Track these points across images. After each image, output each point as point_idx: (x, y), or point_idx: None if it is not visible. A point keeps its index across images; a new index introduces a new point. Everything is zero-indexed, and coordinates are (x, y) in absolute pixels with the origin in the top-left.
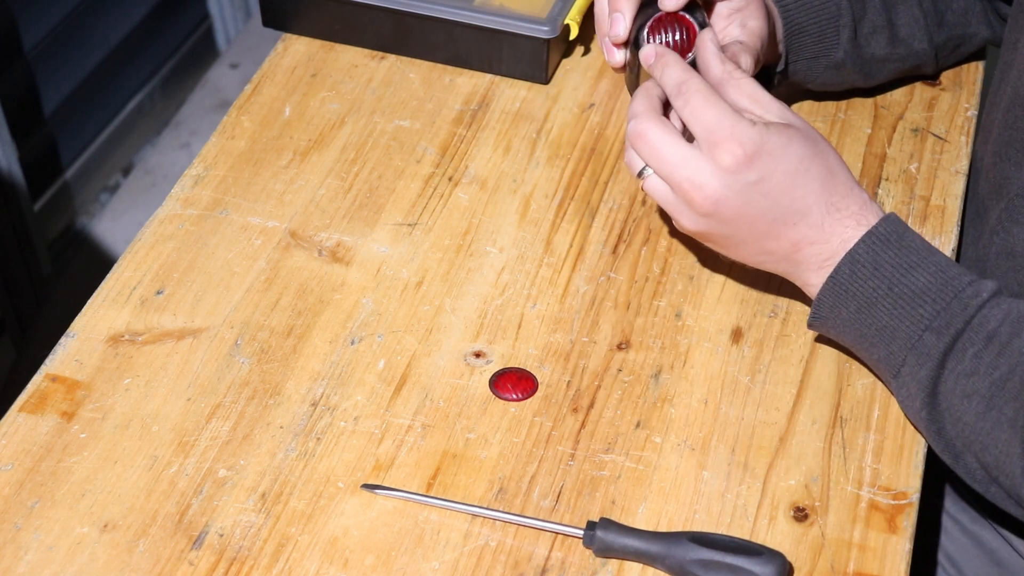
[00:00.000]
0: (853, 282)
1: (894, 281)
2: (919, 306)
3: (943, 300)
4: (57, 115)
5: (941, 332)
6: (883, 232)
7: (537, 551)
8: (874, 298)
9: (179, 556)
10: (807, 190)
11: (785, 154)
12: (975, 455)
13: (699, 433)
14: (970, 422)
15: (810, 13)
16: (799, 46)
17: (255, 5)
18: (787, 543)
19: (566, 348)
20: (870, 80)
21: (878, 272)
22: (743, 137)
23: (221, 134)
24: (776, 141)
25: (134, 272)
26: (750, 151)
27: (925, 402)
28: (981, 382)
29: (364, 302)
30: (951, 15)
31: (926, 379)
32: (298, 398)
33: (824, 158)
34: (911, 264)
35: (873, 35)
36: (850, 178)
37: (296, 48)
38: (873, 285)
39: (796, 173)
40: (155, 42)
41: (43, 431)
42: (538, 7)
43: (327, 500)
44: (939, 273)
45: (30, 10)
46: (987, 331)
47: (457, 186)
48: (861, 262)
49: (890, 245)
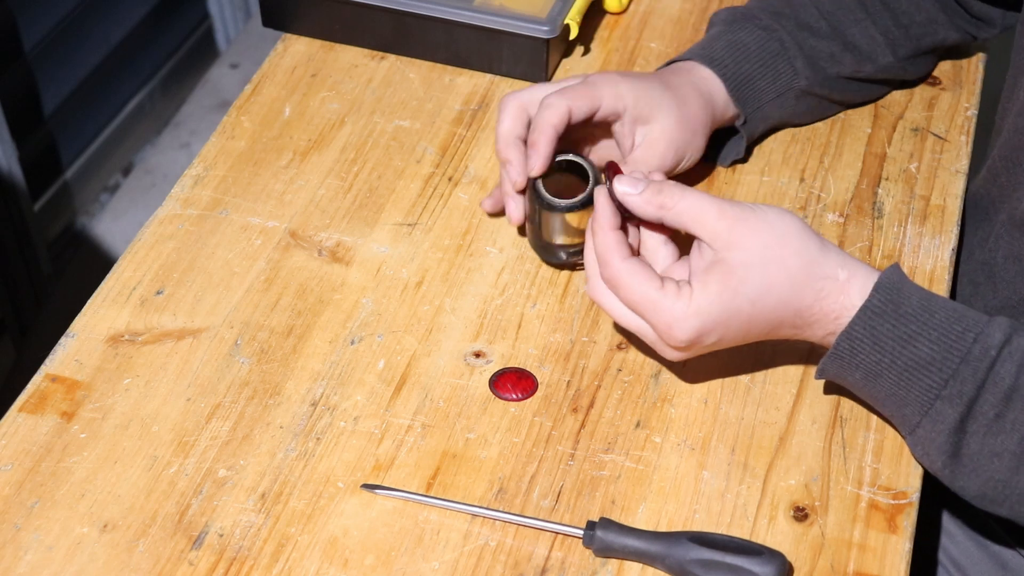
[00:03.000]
0: (855, 356)
1: (896, 354)
2: (926, 376)
3: (950, 367)
4: (57, 115)
5: (953, 400)
6: (878, 304)
7: (537, 551)
8: (878, 370)
9: (179, 556)
10: (772, 316)
11: (728, 311)
12: (1008, 508)
13: (699, 433)
14: (1002, 479)
15: (751, 60)
16: (751, 95)
17: (255, 5)
18: (787, 543)
19: (566, 348)
20: (849, 97)
21: (878, 346)
22: (684, 325)
23: (221, 134)
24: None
25: (134, 272)
26: (692, 338)
27: (946, 463)
28: (1009, 439)
29: (364, 302)
30: (916, 28)
31: (945, 443)
32: (298, 398)
33: (781, 262)
34: (911, 334)
35: (832, 59)
36: (824, 256)
37: (296, 48)
38: (876, 359)
39: (751, 315)
40: (155, 42)
41: (43, 431)
42: (538, 7)
43: (327, 500)
44: (941, 339)
45: (30, 10)
46: (1004, 389)
47: (457, 186)
48: (859, 338)
49: (886, 317)
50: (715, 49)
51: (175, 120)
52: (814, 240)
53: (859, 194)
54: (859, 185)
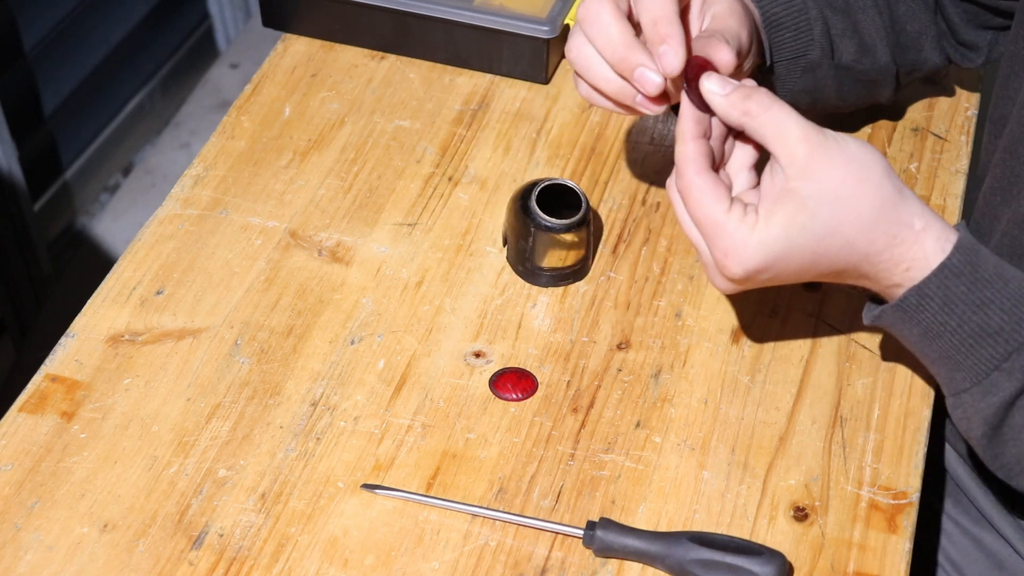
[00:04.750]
0: (920, 312)
1: (964, 318)
2: (989, 346)
3: (1017, 339)
4: (57, 115)
5: (1013, 373)
6: (956, 264)
7: (537, 551)
8: (941, 331)
9: (179, 556)
10: (837, 257)
11: (791, 248)
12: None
13: (699, 433)
14: None
15: (782, 5)
16: (780, 41)
17: (255, 5)
18: (787, 543)
19: (566, 348)
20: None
21: (948, 307)
22: (747, 257)
23: (221, 134)
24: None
25: (134, 272)
26: (747, 270)
27: (986, 432)
28: None
29: (364, 302)
30: (905, 37)
31: (991, 414)
32: (298, 398)
33: (855, 201)
34: (985, 300)
35: (842, 39)
36: (902, 201)
37: (296, 48)
38: (942, 320)
39: (816, 253)
40: (155, 42)
41: (43, 431)
42: (538, 7)
43: (327, 500)
44: (1014, 309)
45: (30, 10)
46: None
47: (457, 186)
48: (930, 296)
49: (963, 278)
50: None
51: (175, 120)
52: (894, 182)
53: None
54: None
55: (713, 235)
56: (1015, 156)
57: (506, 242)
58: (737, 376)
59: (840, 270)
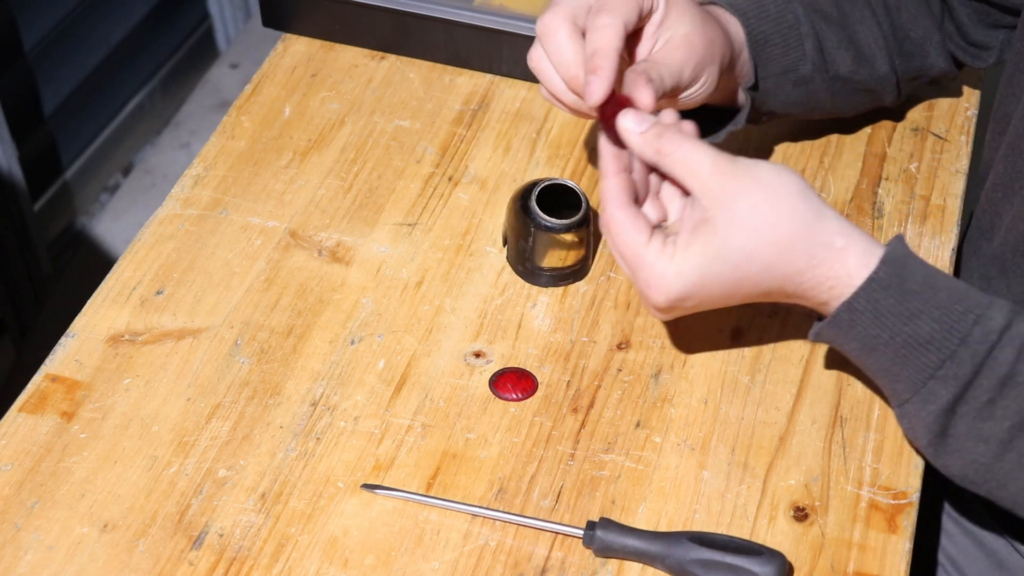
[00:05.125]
0: (853, 327)
1: (896, 330)
2: (923, 355)
3: (948, 348)
4: (57, 115)
5: (948, 381)
6: (883, 278)
7: (537, 551)
8: (875, 344)
9: (179, 556)
10: (758, 280)
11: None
12: (990, 491)
13: (699, 433)
14: (985, 463)
15: (770, 22)
16: (768, 58)
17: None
18: (787, 543)
19: (566, 348)
20: (837, 104)
21: (879, 320)
22: (669, 286)
23: (221, 134)
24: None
25: (134, 272)
26: (669, 299)
27: (932, 441)
28: (997, 426)
29: (364, 302)
30: (909, 44)
31: (933, 422)
32: (298, 398)
33: (769, 225)
34: (913, 311)
35: (837, 51)
36: (820, 221)
37: (296, 48)
38: (874, 332)
39: (734, 279)
40: (155, 42)
41: (43, 431)
42: (538, 7)
43: (327, 500)
44: (943, 318)
45: (30, 10)
46: (1000, 375)
47: (457, 186)
48: (860, 310)
49: (890, 291)
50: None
51: (175, 120)
52: (811, 203)
53: (859, 194)
54: (859, 185)
55: (635, 266)
56: (1018, 153)
57: (506, 242)
58: (737, 376)
59: (766, 291)
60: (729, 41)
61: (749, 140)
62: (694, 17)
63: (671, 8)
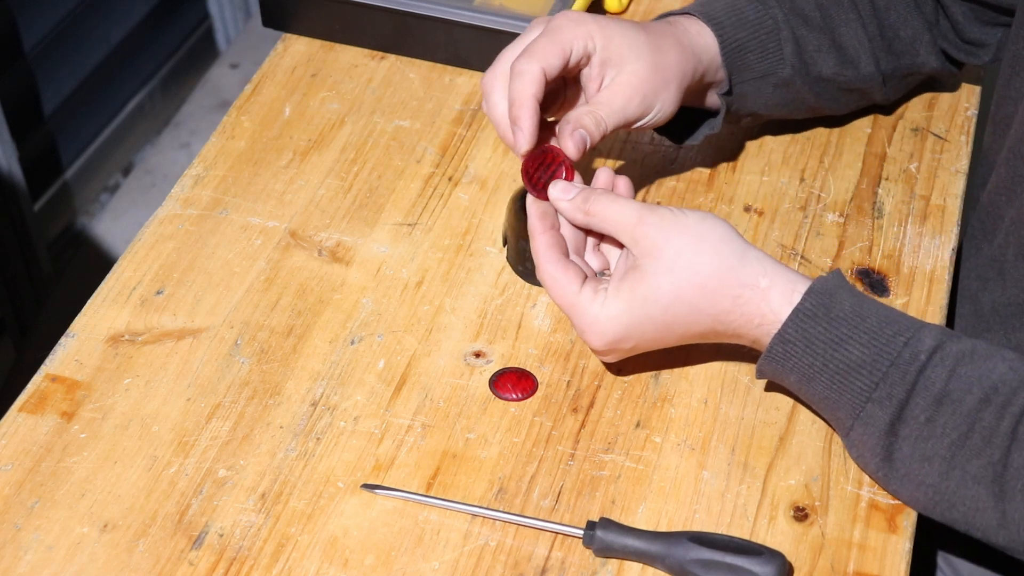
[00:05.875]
0: (788, 359)
1: (828, 357)
2: (856, 379)
3: (880, 370)
4: (57, 115)
5: (884, 403)
6: (809, 308)
7: (537, 551)
8: (811, 373)
9: (179, 556)
10: (688, 321)
11: (639, 318)
12: (942, 513)
13: (699, 433)
14: (933, 483)
15: (747, 28)
16: (742, 65)
17: (255, 5)
18: (787, 543)
19: (566, 348)
20: (822, 103)
21: (811, 349)
22: (602, 330)
23: (221, 134)
24: (621, 313)
25: (134, 272)
26: (610, 341)
27: (880, 466)
28: (939, 444)
29: (364, 302)
30: (899, 43)
31: (878, 447)
32: (298, 398)
33: (692, 269)
34: (842, 337)
35: (819, 54)
36: (743, 263)
37: (296, 48)
38: (808, 362)
39: (665, 322)
40: (155, 42)
41: (43, 431)
42: (538, 7)
43: (327, 500)
44: (871, 343)
45: (30, 10)
46: (934, 394)
47: (457, 186)
48: (792, 340)
49: (818, 320)
50: (715, 8)
51: (175, 120)
52: (735, 246)
53: (859, 194)
54: (859, 185)
55: (571, 314)
56: (1020, 156)
57: (506, 242)
58: (737, 376)
59: (699, 333)
60: (694, 55)
61: (748, 142)
62: (640, 50)
63: (611, 47)
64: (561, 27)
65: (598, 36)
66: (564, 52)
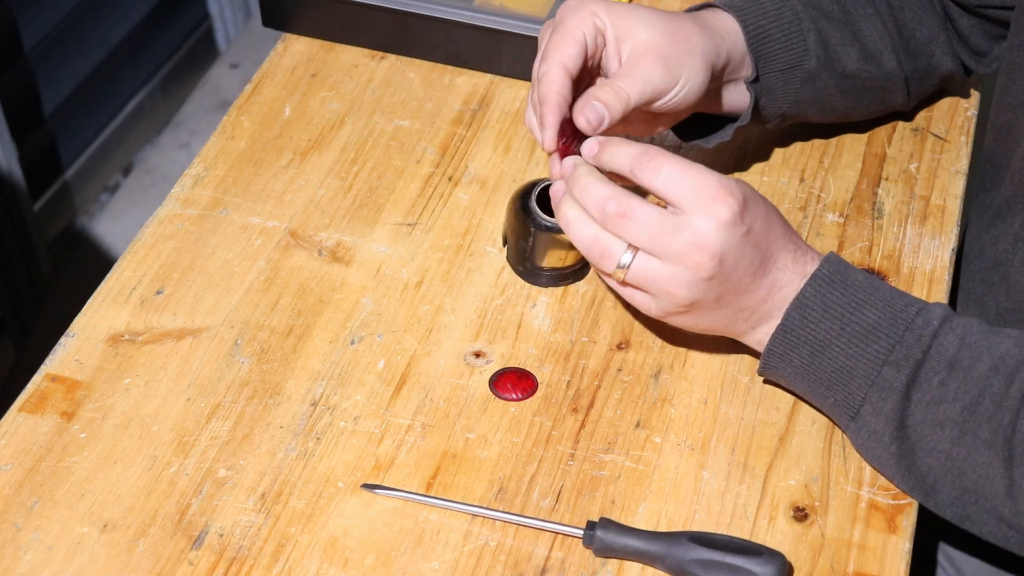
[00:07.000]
0: (804, 327)
1: (845, 320)
2: (873, 342)
3: (896, 333)
4: (57, 115)
5: (900, 365)
6: (827, 273)
7: (537, 551)
8: (827, 340)
9: (179, 556)
10: (776, 234)
11: (756, 202)
12: (952, 482)
13: (699, 433)
14: (945, 449)
15: (768, 17)
16: (769, 53)
17: (255, 5)
18: (787, 543)
19: (566, 348)
20: (848, 103)
21: (828, 313)
22: (733, 188)
23: (221, 134)
24: (748, 190)
25: (134, 272)
26: (741, 201)
27: (894, 436)
28: (951, 408)
29: (364, 302)
30: (915, 43)
31: (892, 413)
32: (298, 398)
33: (772, 205)
34: (859, 302)
35: (843, 47)
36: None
37: (296, 48)
38: (825, 327)
39: (767, 219)
40: (155, 42)
41: (43, 431)
42: (538, 7)
43: (327, 500)
44: (887, 308)
45: (30, 10)
46: (947, 358)
47: (457, 186)
48: (810, 305)
49: (835, 285)
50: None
51: (175, 120)
52: None
53: (859, 194)
54: (859, 185)
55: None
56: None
57: (506, 242)
58: (737, 376)
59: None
60: (716, 34)
61: (749, 141)
62: (650, 19)
63: (620, 23)
64: (564, 17)
65: (603, 13)
66: (577, 39)
